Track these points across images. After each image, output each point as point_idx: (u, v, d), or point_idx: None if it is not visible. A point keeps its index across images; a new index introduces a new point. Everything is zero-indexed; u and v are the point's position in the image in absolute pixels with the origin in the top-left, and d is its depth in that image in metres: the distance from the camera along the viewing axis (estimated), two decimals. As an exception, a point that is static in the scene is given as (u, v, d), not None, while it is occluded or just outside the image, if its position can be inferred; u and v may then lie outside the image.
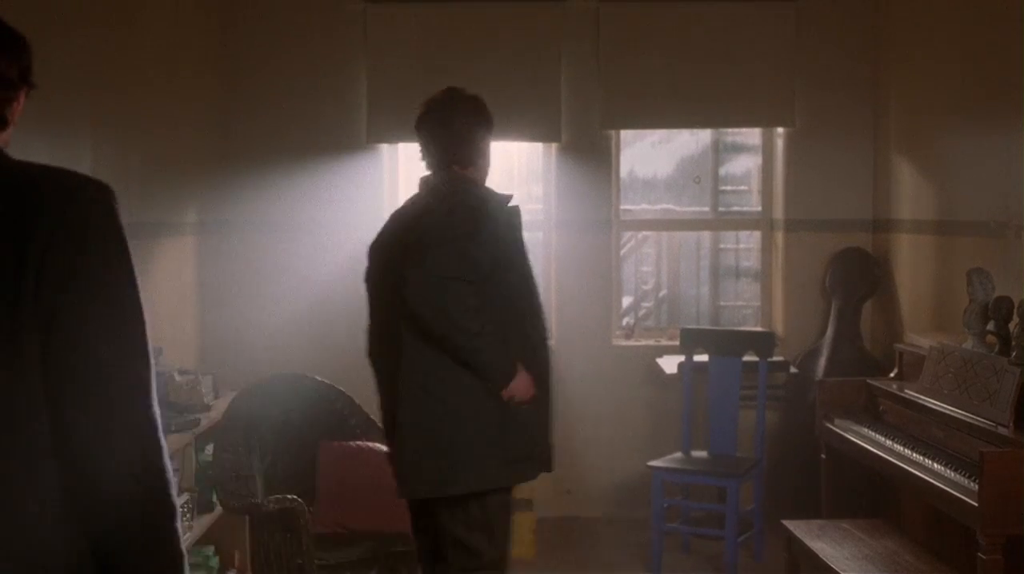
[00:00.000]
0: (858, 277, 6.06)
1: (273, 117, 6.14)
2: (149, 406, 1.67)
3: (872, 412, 4.74)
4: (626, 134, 6.36)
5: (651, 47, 6.14)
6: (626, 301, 6.62)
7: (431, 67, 6.12)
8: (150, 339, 1.72)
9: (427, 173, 3.68)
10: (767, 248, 6.41)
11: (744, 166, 6.61)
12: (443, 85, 6.03)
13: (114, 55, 4.74)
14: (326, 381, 4.70)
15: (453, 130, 3.60)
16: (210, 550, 4.53)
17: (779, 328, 6.27)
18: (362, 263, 3.75)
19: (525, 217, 5.15)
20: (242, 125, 6.13)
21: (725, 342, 5.55)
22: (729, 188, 6.59)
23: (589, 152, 6.19)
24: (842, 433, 4.68)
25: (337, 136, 6.15)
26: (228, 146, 6.11)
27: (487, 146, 3.64)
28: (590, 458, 5.97)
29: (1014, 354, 3.92)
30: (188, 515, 4.21)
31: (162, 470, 1.68)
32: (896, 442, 4.29)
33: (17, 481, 1.63)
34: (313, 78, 6.14)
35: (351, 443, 4.42)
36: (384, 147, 6.24)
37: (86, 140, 4.45)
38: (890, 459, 4.22)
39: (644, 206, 6.54)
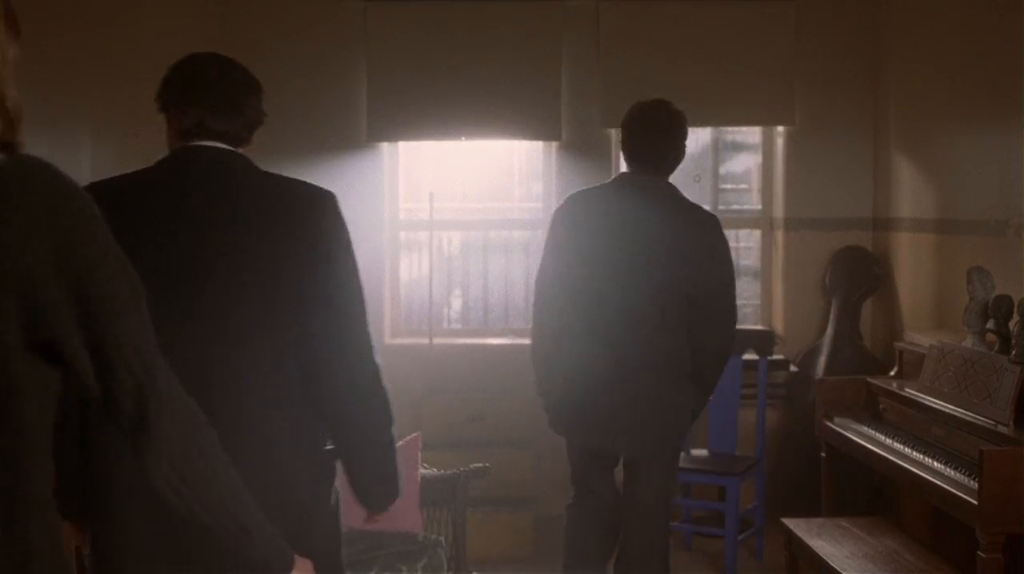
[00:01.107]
0: (858, 275, 6.07)
1: (273, 115, 6.06)
2: (370, 344, 2.39)
3: (872, 411, 4.74)
4: (626, 132, 6.35)
5: (651, 45, 6.14)
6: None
7: (431, 65, 6.12)
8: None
9: (626, 171, 4.05)
10: (767, 246, 6.41)
11: (744, 164, 6.61)
12: (443, 83, 6.10)
13: (114, 54, 4.74)
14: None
15: (675, 141, 3.99)
16: (210, 548, 4.52)
17: (779, 326, 6.27)
18: (360, 261, 3.72)
19: (525, 216, 5.44)
20: (242, 123, 6.12)
21: (725, 340, 5.54)
22: (729, 186, 6.59)
23: (589, 150, 6.19)
24: (842, 431, 4.68)
25: (337, 134, 6.15)
26: (228, 144, 6.10)
27: None
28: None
29: (1014, 352, 3.92)
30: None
31: (383, 388, 2.40)
32: (896, 441, 4.29)
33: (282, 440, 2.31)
34: (313, 76, 6.14)
35: (351, 441, 4.42)
36: (384, 145, 6.24)
37: (86, 139, 4.46)
38: (890, 458, 4.22)
39: (644, 204, 6.53)
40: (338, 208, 2.57)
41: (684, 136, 4.03)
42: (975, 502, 3.52)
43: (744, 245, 6.54)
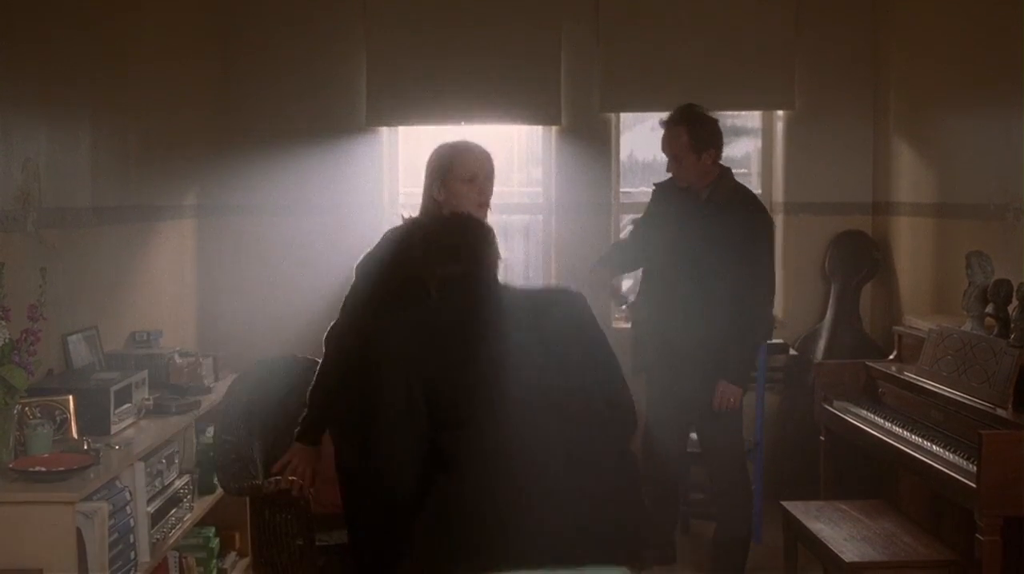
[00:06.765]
0: (858, 260, 6.07)
1: (272, 100, 6.13)
2: None
3: (871, 394, 4.75)
4: (626, 117, 6.35)
5: (651, 29, 6.13)
6: (626, 284, 6.61)
7: (431, 50, 6.12)
8: None
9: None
10: (767, 231, 6.40)
11: (744, 149, 6.60)
12: (442, 67, 6.09)
13: (113, 38, 4.73)
14: (326, 363, 4.68)
15: None
16: (211, 531, 4.54)
17: (778, 311, 6.27)
18: (360, 246, 3.72)
19: (525, 200, 5.50)
20: (241, 108, 6.12)
21: (725, 325, 5.54)
22: (729, 171, 6.57)
23: (589, 135, 6.18)
24: (841, 415, 4.69)
25: (336, 119, 6.15)
26: (227, 129, 6.11)
27: None
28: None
29: (1013, 336, 3.93)
30: (189, 497, 4.23)
31: None
32: (895, 424, 4.30)
33: None
34: (312, 60, 6.13)
35: (351, 425, 4.42)
36: (384, 130, 6.24)
37: (85, 123, 4.45)
38: (889, 441, 4.23)
39: (644, 189, 6.50)
40: None
41: None
42: (974, 485, 3.54)
43: (744, 229, 6.53)
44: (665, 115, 4.64)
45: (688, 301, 4.48)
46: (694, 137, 4.48)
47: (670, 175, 4.66)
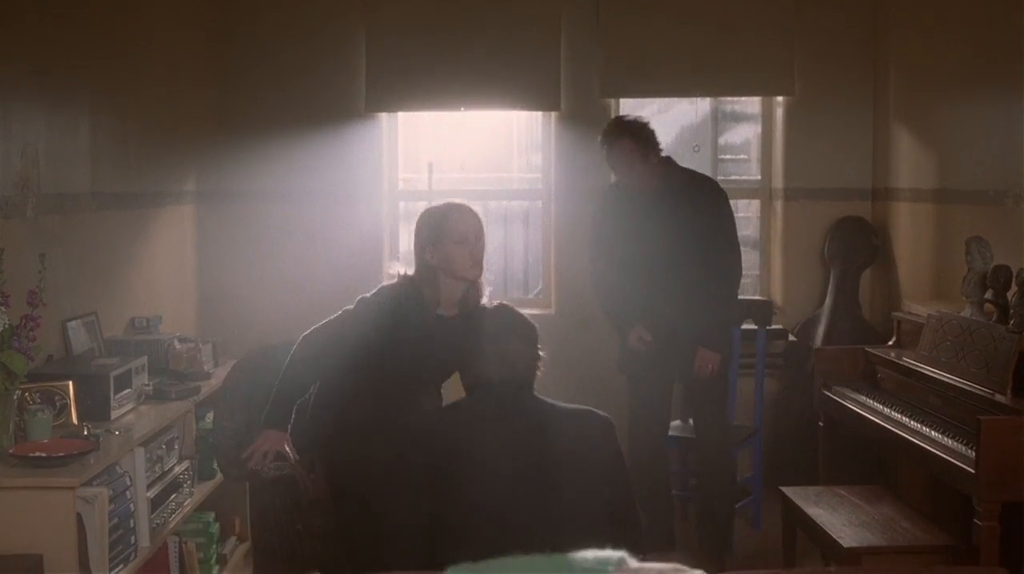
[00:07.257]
0: (857, 246, 6.07)
1: (271, 86, 6.12)
2: None
3: (870, 380, 4.76)
4: (625, 103, 6.34)
5: (651, 15, 6.11)
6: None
7: (430, 35, 6.10)
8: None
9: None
10: (766, 217, 6.41)
11: (743, 135, 6.59)
12: (442, 53, 6.08)
13: (112, 24, 4.72)
14: (326, 349, 4.68)
15: None
16: (210, 517, 4.55)
17: (778, 297, 6.28)
18: (359, 232, 3.73)
19: (524, 186, 5.51)
20: (240, 94, 6.11)
21: (724, 311, 5.54)
22: (728, 157, 6.58)
23: (589, 121, 6.16)
24: (840, 401, 4.69)
25: (336, 104, 6.14)
26: (226, 115, 6.10)
27: None
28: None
29: (1012, 322, 3.93)
30: (188, 482, 4.23)
31: None
32: (894, 409, 4.30)
33: None
34: (312, 46, 6.12)
35: (351, 411, 4.42)
36: (383, 116, 6.23)
37: (84, 109, 4.44)
38: (887, 426, 4.23)
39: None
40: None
41: None
42: (972, 470, 3.54)
43: (743, 215, 6.52)
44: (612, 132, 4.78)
45: (669, 285, 4.66)
46: (639, 143, 4.69)
47: (615, 180, 4.95)
